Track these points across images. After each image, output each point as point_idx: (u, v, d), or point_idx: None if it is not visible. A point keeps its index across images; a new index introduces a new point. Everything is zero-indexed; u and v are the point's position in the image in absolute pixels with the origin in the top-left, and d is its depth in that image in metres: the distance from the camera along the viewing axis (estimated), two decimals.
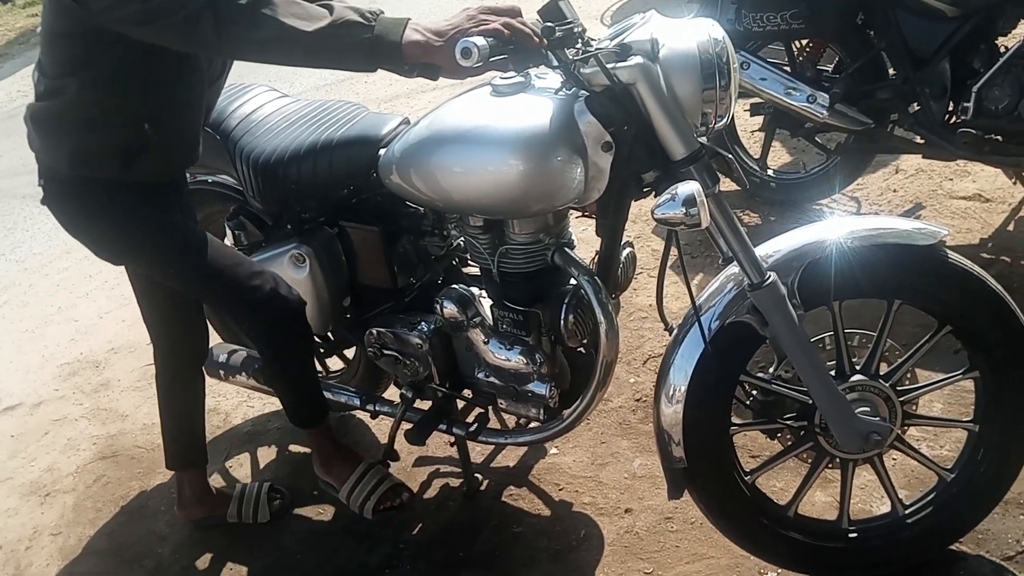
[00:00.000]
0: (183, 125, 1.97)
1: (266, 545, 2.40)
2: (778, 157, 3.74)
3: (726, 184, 1.78)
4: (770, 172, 3.43)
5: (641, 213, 3.23)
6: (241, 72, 2.67)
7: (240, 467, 2.73)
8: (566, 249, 1.91)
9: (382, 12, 1.63)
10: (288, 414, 2.35)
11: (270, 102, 2.32)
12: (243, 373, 2.44)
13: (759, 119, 3.34)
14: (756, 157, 3.43)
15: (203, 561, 2.41)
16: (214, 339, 2.52)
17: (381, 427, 2.70)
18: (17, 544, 2.63)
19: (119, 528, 2.60)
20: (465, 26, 1.59)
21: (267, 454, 2.77)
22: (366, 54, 1.61)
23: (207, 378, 2.43)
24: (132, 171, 1.90)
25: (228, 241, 2.41)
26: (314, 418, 2.31)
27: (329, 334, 2.50)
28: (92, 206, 1.95)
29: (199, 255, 2.02)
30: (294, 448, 2.76)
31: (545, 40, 1.56)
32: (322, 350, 2.63)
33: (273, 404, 2.92)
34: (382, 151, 1.98)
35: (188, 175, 2.34)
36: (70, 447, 3.01)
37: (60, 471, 2.91)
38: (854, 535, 1.89)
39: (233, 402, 3.02)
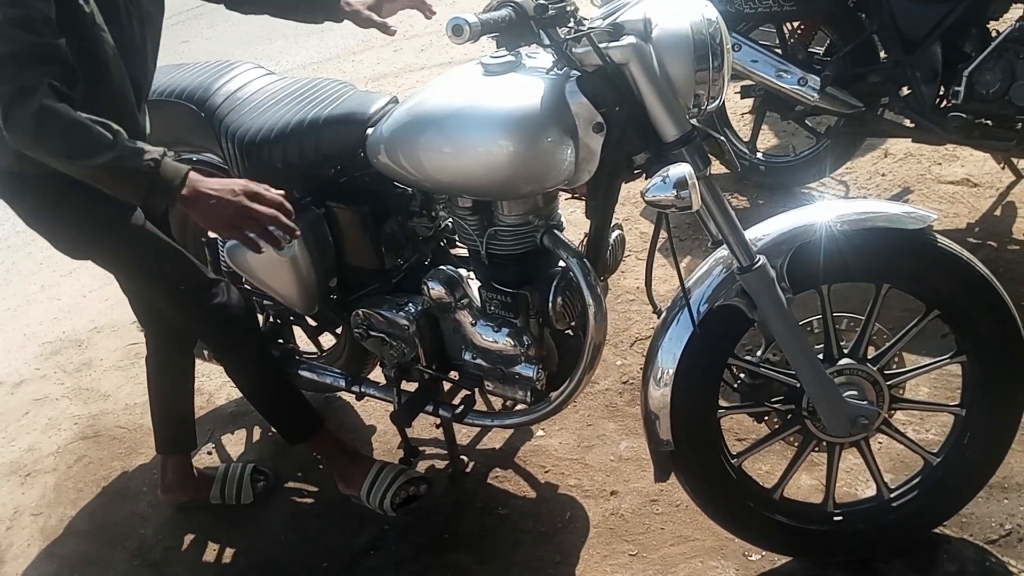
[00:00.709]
0: (116, 106, 1.87)
1: (250, 526, 2.39)
2: (767, 140, 3.73)
3: (715, 167, 1.77)
4: (759, 155, 3.42)
5: (630, 195, 3.22)
6: (227, 50, 2.62)
7: (223, 448, 2.71)
8: (555, 231, 1.89)
9: (166, 154, 1.67)
10: (279, 432, 2.35)
11: (256, 79, 2.29)
12: None
13: (749, 101, 3.33)
14: (746, 140, 3.42)
15: (186, 542, 2.40)
16: None
17: (366, 408, 2.69)
18: None
19: (101, 508, 2.58)
20: (235, 220, 1.70)
21: (251, 435, 2.75)
22: (141, 196, 1.69)
23: None
24: None
25: None
26: (305, 430, 2.31)
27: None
28: (46, 201, 1.91)
29: (152, 257, 2.02)
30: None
31: None
32: (308, 330, 2.62)
33: None
34: (370, 130, 1.96)
35: (174, 154, 2.31)
36: (51, 427, 2.99)
37: (41, 451, 2.88)
38: (839, 518, 1.90)
39: (217, 382, 3.00)
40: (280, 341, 2.48)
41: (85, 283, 3.88)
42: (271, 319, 2.52)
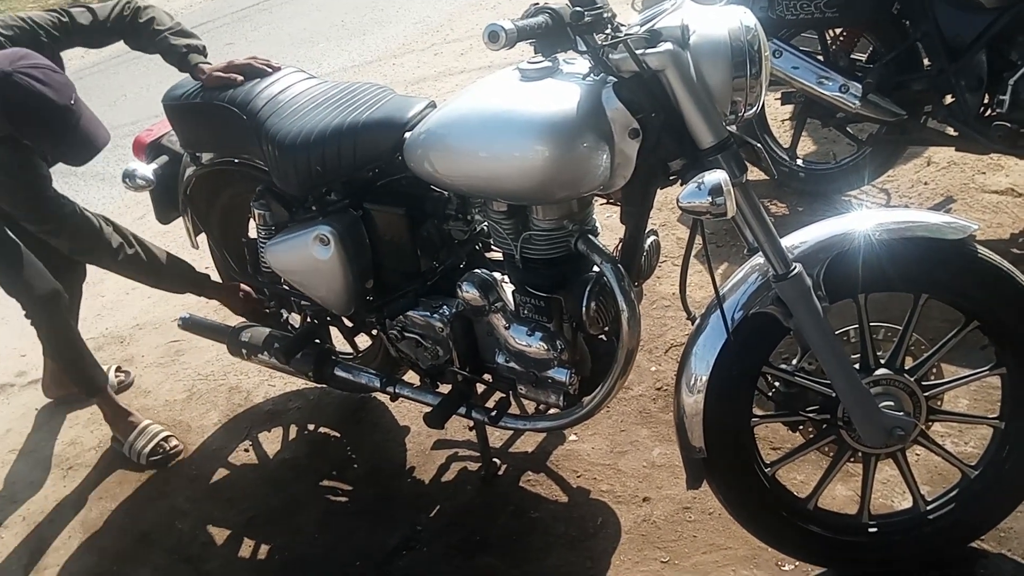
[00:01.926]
0: None
1: (284, 524, 2.42)
2: (807, 147, 3.70)
3: (754, 173, 1.77)
4: (800, 162, 3.39)
5: (667, 201, 3.21)
6: (269, 53, 2.66)
7: (259, 445, 2.75)
8: (590, 236, 1.89)
9: None
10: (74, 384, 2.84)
11: (297, 83, 2.32)
12: (265, 352, 2.46)
13: (790, 108, 3.30)
14: (786, 146, 3.40)
15: (221, 538, 2.43)
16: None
17: (400, 408, 2.71)
18: (40, 517, 2.67)
19: (140, 503, 2.63)
20: None
21: (288, 433, 2.78)
22: None
23: (231, 357, 2.45)
24: None
25: (254, 221, 2.43)
26: (95, 384, 2.78)
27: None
28: None
29: None
30: (313, 427, 2.78)
31: None
32: (345, 331, 2.64)
33: (294, 384, 2.94)
34: (407, 134, 1.97)
35: (214, 155, 2.39)
36: (93, 421, 3.04)
37: (83, 445, 2.94)
38: (874, 530, 1.88)
39: (255, 381, 3.04)
40: (317, 341, 2.51)
41: (128, 282, 3.92)
42: (308, 319, 2.55)
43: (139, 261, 2.53)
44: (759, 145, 1.74)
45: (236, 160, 2.41)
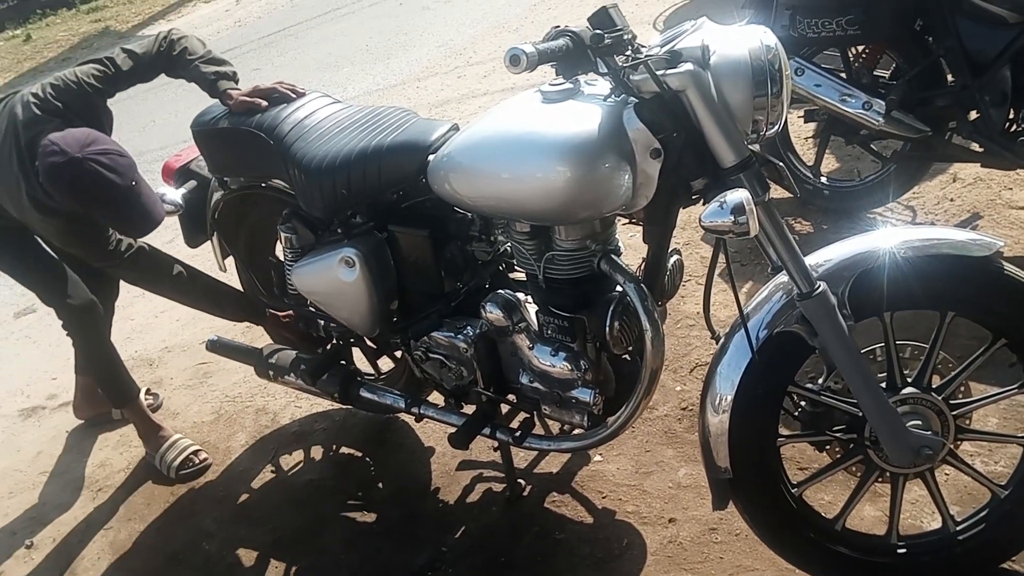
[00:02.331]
0: None
1: (310, 545, 2.43)
2: (830, 164, 3.68)
3: (778, 191, 1.76)
4: (824, 179, 3.37)
5: (690, 220, 3.21)
6: (295, 77, 2.70)
7: (286, 466, 2.77)
8: (612, 256, 1.90)
9: None
10: (105, 395, 2.93)
11: (322, 108, 2.35)
12: (291, 374, 2.47)
13: (813, 125, 3.29)
14: (809, 164, 3.38)
15: (249, 559, 2.45)
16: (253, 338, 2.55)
17: (424, 429, 2.72)
18: (70, 537, 2.70)
19: (168, 524, 2.65)
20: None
21: (314, 454, 2.80)
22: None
23: (258, 379, 2.47)
24: None
25: (281, 244, 2.45)
26: (127, 395, 2.85)
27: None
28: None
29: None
30: (338, 448, 2.79)
31: None
32: (369, 353, 2.66)
33: (320, 405, 2.96)
34: (431, 157, 1.99)
35: (242, 179, 2.43)
36: (122, 443, 3.08)
37: (112, 467, 2.97)
38: (903, 551, 1.85)
39: (281, 402, 3.06)
40: (343, 362, 2.53)
41: (157, 304, 3.98)
42: (334, 340, 2.57)
43: (193, 287, 2.64)
44: (781, 164, 1.74)
45: (263, 184, 2.44)
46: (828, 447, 1.85)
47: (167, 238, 4.60)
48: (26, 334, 4.07)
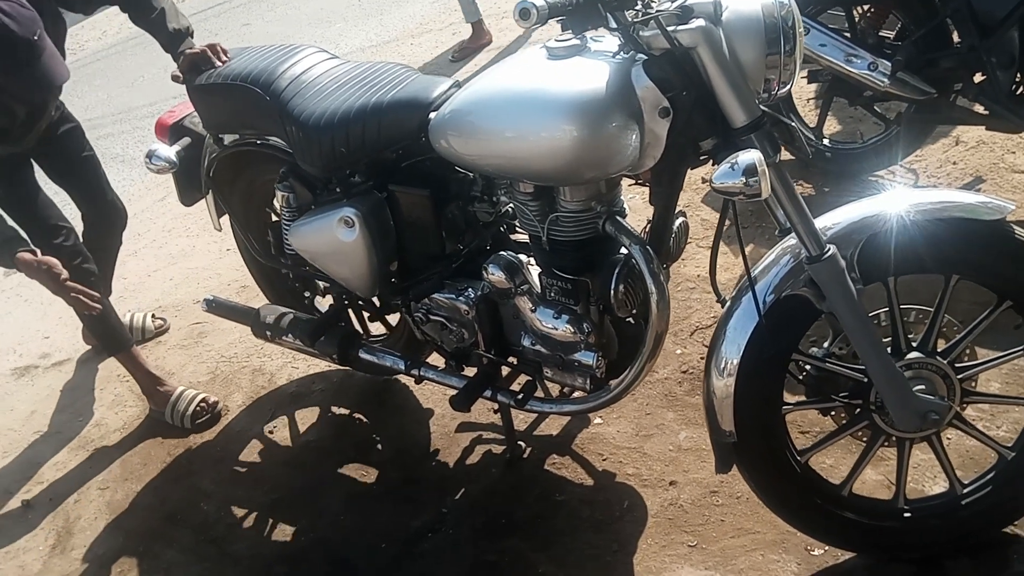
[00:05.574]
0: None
1: (310, 506, 2.42)
2: (832, 126, 3.65)
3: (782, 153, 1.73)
4: (826, 141, 3.34)
5: (691, 181, 3.17)
6: (287, 33, 2.63)
7: (284, 427, 2.75)
8: (618, 217, 1.87)
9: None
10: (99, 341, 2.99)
11: (320, 63, 2.30)
12: (289, 334, 2.45)
13: (814, 87, 3.25)
14: (812, 126, 3.35)
15: (247, 519, 2.44)
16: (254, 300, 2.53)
17: (424, 390, 2.70)
18: (65, 497, 2.69)
19: (165, 484, 2.64)
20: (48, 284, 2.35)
21: (311, 414, 2.78)
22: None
23: (254, 339, 2.44)
24: None
25: (278, 203, 2.41)
26: (119, 343, 2.86)
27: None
28: None
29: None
30: (336, 409, 2.77)
31: None
32: (368, 314, 2.63)
33: (317, 366, 2.94)
34: (432, 114, 1.95)
35: (237, 136, 2.37)
36: (117, 403, 3.06)
37: (108, 426, 2.96)
38: (909, 515, 1.85)
39: (278, 363, 3.04)
40: (342, 324, 2.50)
41: (150, 263, 3.95)
42: (333, 301, 2.54)
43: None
44: (793, 124, 1.71)
45: (259, 142, 2.39)
46: (833, 412, 1.84)
47: (159, 196, 4.57)
48: (17, 292, 4.03)
